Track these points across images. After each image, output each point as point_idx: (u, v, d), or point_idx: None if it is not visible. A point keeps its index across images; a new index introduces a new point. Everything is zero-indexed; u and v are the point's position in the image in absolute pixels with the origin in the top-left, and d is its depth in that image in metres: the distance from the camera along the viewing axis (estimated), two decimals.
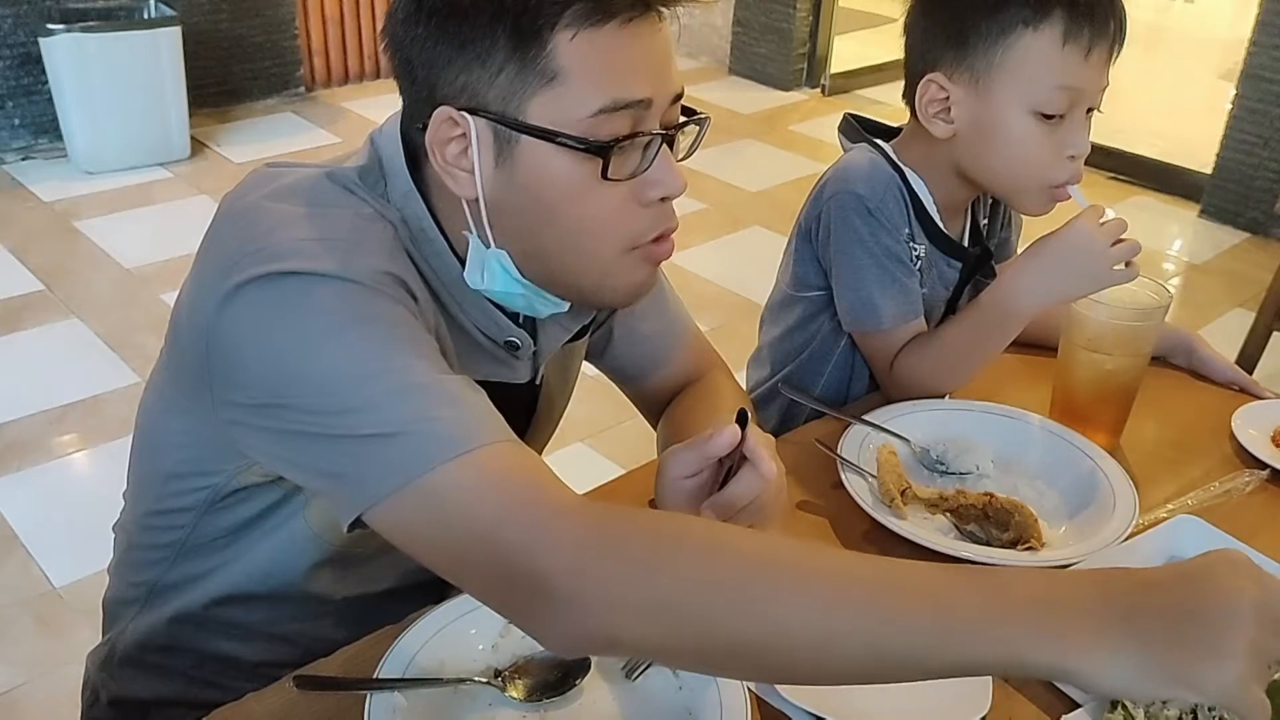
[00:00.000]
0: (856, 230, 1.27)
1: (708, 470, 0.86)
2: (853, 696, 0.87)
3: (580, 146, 0.75)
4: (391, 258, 0.79)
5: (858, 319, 1.31)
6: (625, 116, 0.76)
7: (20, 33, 3.95)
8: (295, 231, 0.76)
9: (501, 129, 0.76)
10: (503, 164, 0.78)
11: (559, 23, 0.73)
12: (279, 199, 0.79)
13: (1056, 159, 1.20)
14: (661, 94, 0.78)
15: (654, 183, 0.79)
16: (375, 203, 0.83)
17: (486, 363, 0.90)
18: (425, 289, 0.83)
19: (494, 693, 0.86)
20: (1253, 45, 3.95)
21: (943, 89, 1.22)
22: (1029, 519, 1.07)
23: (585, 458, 2.60)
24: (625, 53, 0.75)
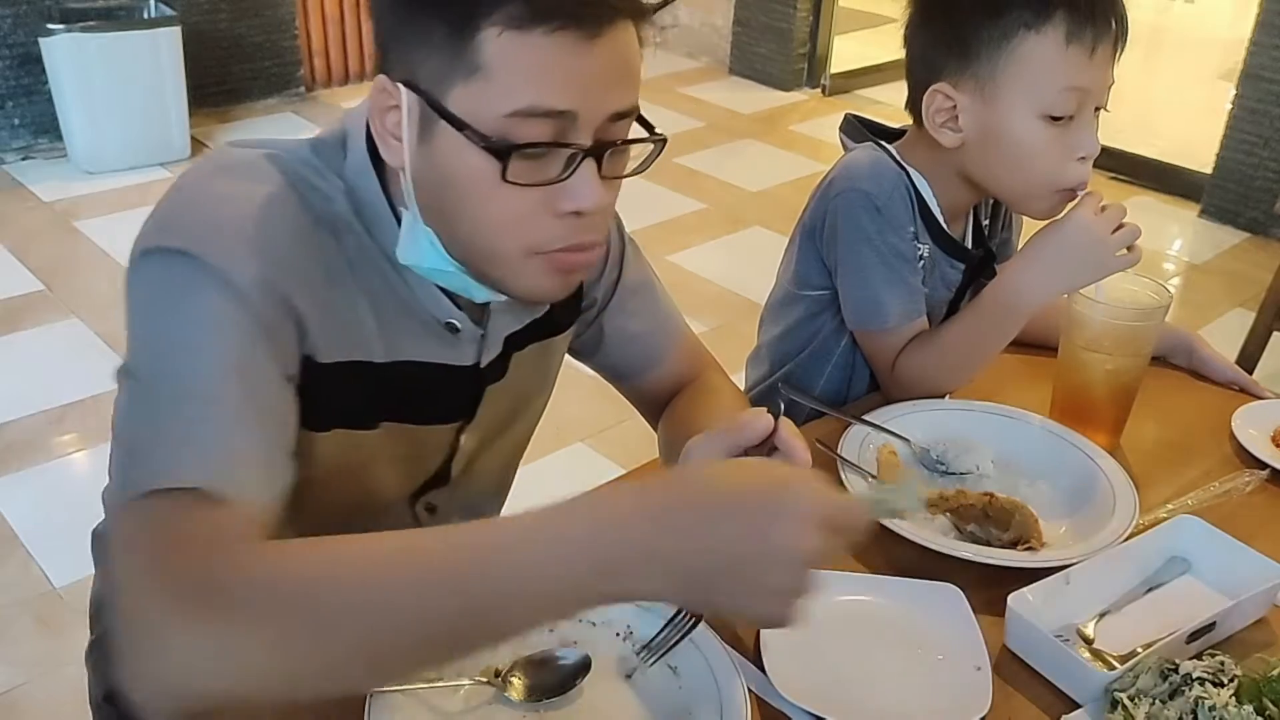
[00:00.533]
0: (863, 228, 1.27)
1: None
2: (853, 697, 0.88)
3: (480, 144, 0.75)
4: (292, 245, 0.80)
5: (863, 317, 1.31)
6: (544, 124, 0.75)
7: (20, 33, 3.95)
8: (200, 212, 0.79)
9: (426, 108, 0.77)
10: (425, 142, 0.79)
11: (490, 18, 0.73)
12: (209, 175, 0.83)
13: (1066, 161, 1.20)
14: (591, 109, 0.77)
15: (568, 196, 0.78)
16: (318, 176, 0.84)
17: (429, 341, 0.91)
18: (347, 267, 0.85)
19: (494, 693, 0.86)
20: (1253, 45, 3.94)
21: (949, 98, 1.22)
22: (1029, 519, 1.07)
23: (585, 458, 2.60)
24: (550, 61, 0.74)
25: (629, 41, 0.78)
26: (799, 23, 5.32)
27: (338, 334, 0.85)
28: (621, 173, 0.83)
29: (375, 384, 0.89)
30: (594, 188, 0.78)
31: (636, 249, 1.12)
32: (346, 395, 0.88)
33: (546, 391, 1.10)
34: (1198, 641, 0.93)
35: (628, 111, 0.80)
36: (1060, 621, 0.95)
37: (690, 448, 0.87)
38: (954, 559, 1.02)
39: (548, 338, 1.04)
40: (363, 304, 0.87)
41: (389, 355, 0.89)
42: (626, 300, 1.10)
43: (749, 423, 0.84)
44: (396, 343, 0.89)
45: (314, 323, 0.82)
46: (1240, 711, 0.82)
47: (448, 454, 1.00)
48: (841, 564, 1.04)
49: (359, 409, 0.90)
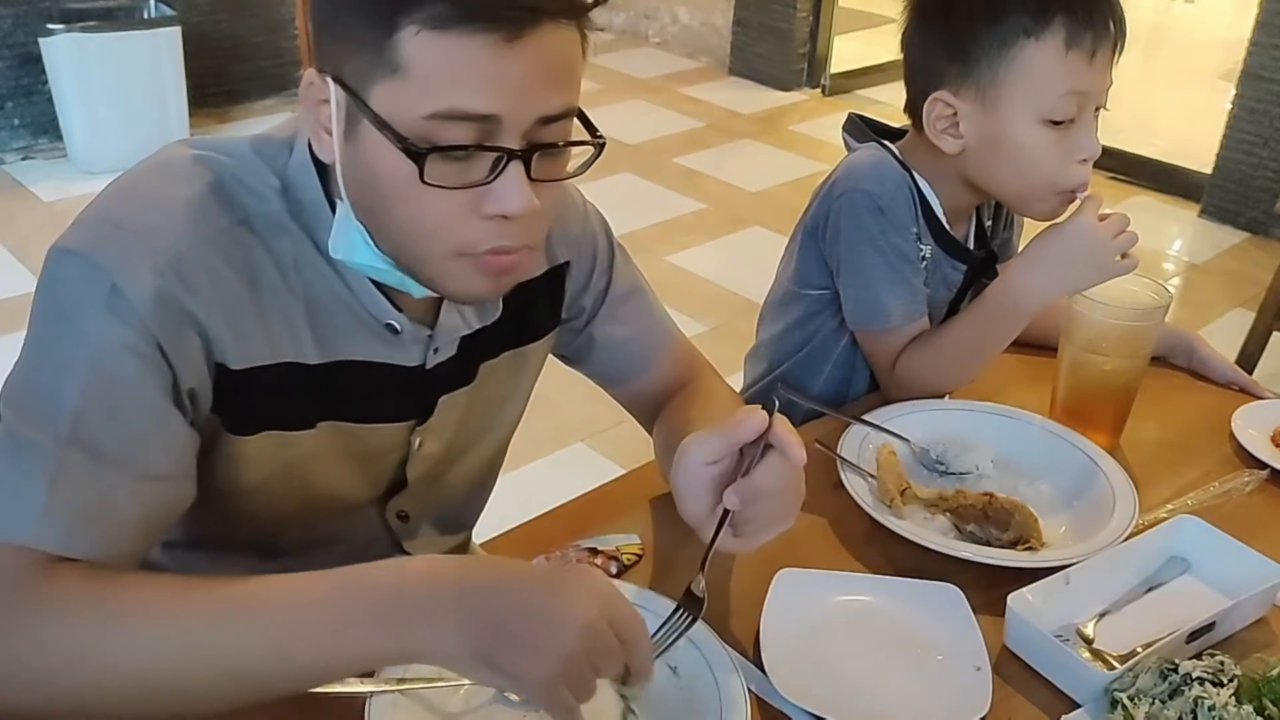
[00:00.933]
0: (867, 228, 1.27)
1: (730, 458, 0.85)
2: (853, 697, 0.88)
3: (398, 145, 0.74)
4: (204, 251, 0.80)
5: (864, 317, 1.31)
6: (466, 127, 0.74)
7: (20, 33, 3.95)
8: (110, 214, 0.80)
9: (352, 104, 0.76)
10: (351, 139, 0.78)
11: (409, 16, 0.71)
12: (135, 178, 0.84)
13: (1067, 164, 1.20)
14: (516, 112, 0.74)
15: (493, 199, 0.76)
16: (254, 176, 0.84)
17: (370, 341, 0.90)
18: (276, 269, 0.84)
19: (494, 693, 0.86)
20: (1253, 45, 3.94)
21: (950, 106, 1.22)
22: (1029, 519, 1.07)
23: (585, 458, 2.60)
24: (469, 63, 0.72)
25: (560, 42, 0.75)
26: (799, 23, 5.32)
27: (259, 338, 0.84)
28: (558, 175, 0.81)
29: (310, 385, 0.88)
30: (521, 191, 0.76)
31: (626, 255, 1.12)
32: (276, 397, 0.87)
33: (522, 400, 1.09)
34: (1197, 641, 0.93)
35: (561, 114, 0.77)
36: (1060, 621, 0.95)
37: (686, 445, 0.86)
38: (954, 559, 1.02)
39: (522, 345, 1.03)
40: (294, 306, 0.86)
41: (324, 356, 0.88)
42: (616, 308, 1.10)
43: (743, 421, 0.83)
44: (333, 343, 0.88)
45: (222, 330, 0.82)
46: (1240, 711, 0.82)
47: (401, 456, 0.99)
48: (842, 564, 1.04)
49: (292, 410, 0.89)
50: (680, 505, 0.87)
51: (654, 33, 6.09)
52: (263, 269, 0.84)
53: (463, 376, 0.98)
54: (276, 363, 0.86)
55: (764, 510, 0.84)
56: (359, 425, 0.93)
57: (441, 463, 1.03)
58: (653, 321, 1.14)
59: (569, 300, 1.07)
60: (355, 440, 0.94)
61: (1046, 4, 1.15)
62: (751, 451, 0.83)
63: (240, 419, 0.87)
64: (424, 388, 0.95)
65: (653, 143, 4.64)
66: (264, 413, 0.87)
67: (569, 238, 1.04)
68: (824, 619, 0.95)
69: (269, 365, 0.85)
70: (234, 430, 0.87)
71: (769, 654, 0.89)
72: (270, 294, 0.84)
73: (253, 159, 0.86)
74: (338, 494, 0.97)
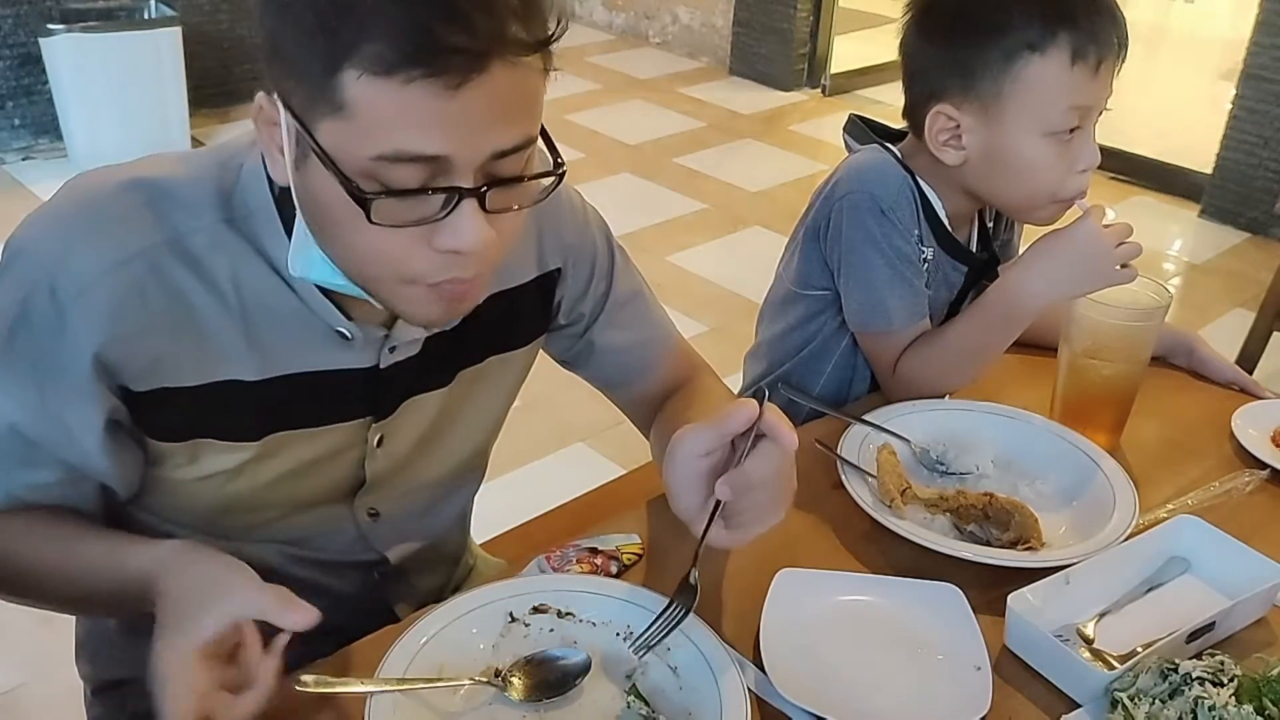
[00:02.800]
0: (869, 230, 1.27)
1: (722, 450, 0.85)
2: (853, 697, 0.88)
3: (343, 186, 0.72)
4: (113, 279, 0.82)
5: (866, 319, 1.31)
6: (414, 168, 0.72)
7: (20, 33, 3.95)
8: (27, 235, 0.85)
9: (300, 133, 0.74)
10: (300, 166, 0.77)
11: (349, 59, 0.69)
12: (61, 203, 0.86)
13: (1069, 174, 1.21)
14: (466, 151, 0.72)
15: (446, 234, 0.75)
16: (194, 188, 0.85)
17: (319, 349, 0.89)
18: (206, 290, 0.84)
19: (494, 693, 0.86)
20: (1253, 45, 3.94)
21: (952, 119, 1.22)
22: (1029, 519, 1.07)
23: (585, 458, 2.60)
24: (412, 109, 0.70)
25: (514, 77, 0.72)
26: (799, 23, 5.32)
27: (184, 359, 0.85)
28: (516, 205, 0.79)
29: (251, 401, 0.88)
30: (474, 227, 0.74)
31: (626, 259, 1.11)
32: (209, 413, 0.87)
33: (506, 403, 1.09)
34: (1197, 641, 0.93)
35: (517, 147, 0.75)
36: (1060, 621, 0.95)
37: (678, 438, 0.86)
38: (954, 559, 1.02)
39: (507, 351, 1.03)
40: (228, 324, 0.85)
41: (265, 372, 0.88)
42: (616, 313, 1.09)
43: (734, 412, 0.83)
44: (276, 357, 0.88)
45: (123, 356, 0.83)
46: (1240, 711, 0.82)
47: (359, 454, 0.98)
48: (842, 564, 1.04)
49: (232, 424, 0.89)
50: (673, 500, 0.87)
51: (654, 33, 6.09)
52: (189, 290, 0.84)
53: (436, 379, 0.98)
54: (207, 382, 0.86)
55: (756, 501, 0.84)
56: (308, 430, 0.93)
57: (409, 461, 1.02)
58: (652, 326, 1.14)
59: (566, 306, 1.06)
60: (305, 442, 0.93)
61: (1051, 19, 1.15)
62: (743, 443, 0.83)
63: (158, 429, 0.88)
64: (378, 387, 0.94)
65: (653, 143, 4.64)
66: (191, 425, 0.88)
67: (563, 244, 1.03)
68: (824, 619, 0.95)
69: (196, 386, 0.86)
70: (156, 437, 0.88)
71: (769, 654, 0.89)
72: (199, 314, 0.84)
73: (208, 169, 0.86)
74: (293, 489, 0.96)
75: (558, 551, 1.02)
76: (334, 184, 0.73)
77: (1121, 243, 1.16)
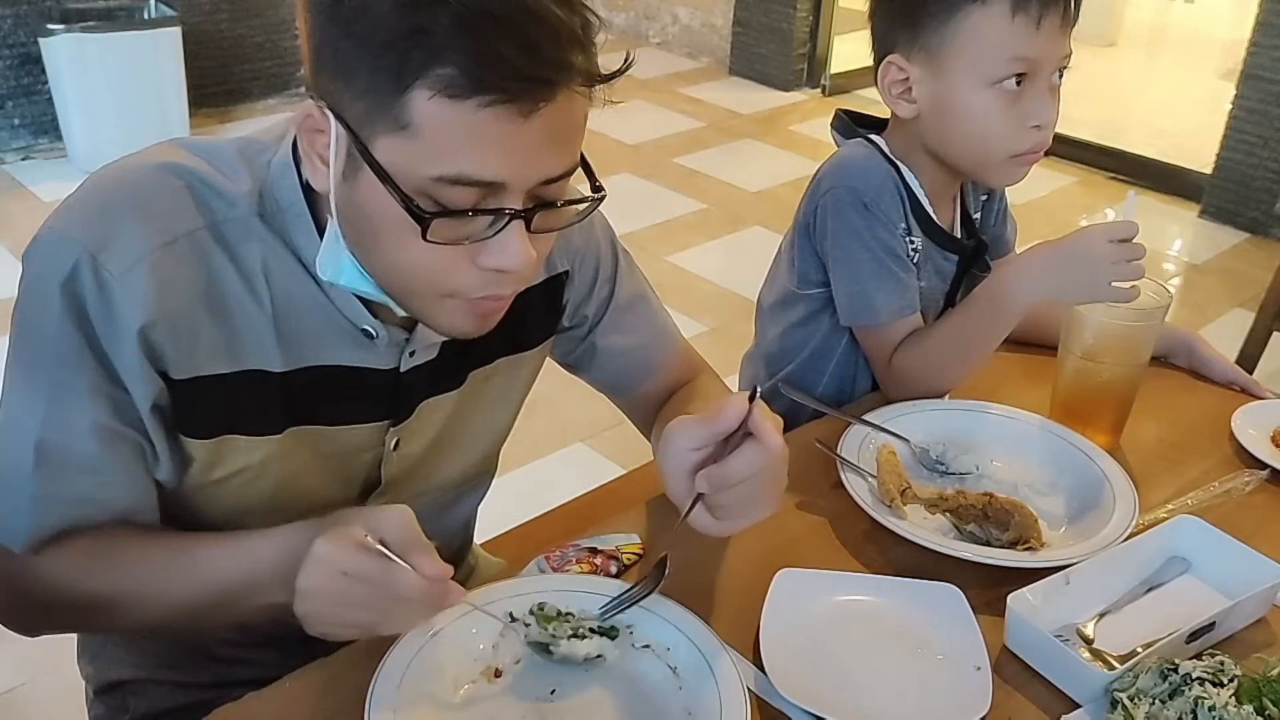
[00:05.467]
0: (853, 225, 1.27)
1: (714, 445, 0.85)
2: (853, 697, 0.88)
3: (402, 204, 0.73)
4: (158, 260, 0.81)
5: (854, 313, 1.31)
6: (470, 191, 0.74)
7: (20, 33, 3.95)
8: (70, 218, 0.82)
9: (353, 146, 0.75)
10: (349, 178, 0.77)
11: (422, 79, 0.70)
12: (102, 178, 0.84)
13: (1019, 129, 1.21)
14: (523, 177, 0.75)
15: (492, 252, 0.77)
16: (228, 180, 0.84)
17: (344, 345, 0.90)
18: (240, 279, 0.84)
19: (494, 692, 0.86)
20: (1253, 45, 3.94)
21: (901, 70, 1.24)
22: (1029, 519, 1.07)
23: (585, 458, 2.60)
24: (482, 134, 0.71)
25: (571, 107, 0.75)
26: (799, 23, 5.32)
27: (216, 347, 0.85)
28: (556, 226, 0.82)
29: (276, 392, 0.88)
30: (520, 248, 0.77)
31: (630, 262, 1.11)
32: (237, 404, 0.87)
33: (515, 405, 1.09)
34: (1197, 641, 0.93)
35: (565, 173, 0.78)
36: (1060, 621, 0.95)
37: (670, 430, 0.86)
38: (954, 559, 1.02)
39: (517, 353, 1.03)
40: (258, 314, 0.86)
41: (291, 363, 0.88)
42: (620, 317, 1.10)
43: (725, 409, 0.83)
44: (302, 349, 0.88)
45: (167, 340, 0.83)
46: (1240, 711, 0.82)
47: (375, 455, 0.98)
48: (842, 564, 1.04)
49: (256, 416, 0.89)
50: (667, 486, 0.88)
51: (654, 33, 6.09)
52: (225, 276, 0.84)
53: (449, 381, 0.98)
54: (236, 370, 0.86)
55: (737, 496, 0.84)
56: (328, 427, 0.93)
57: (422, 463, 1.02)
58: (656, 330, 1.14)
59: (571, 309, 1.06)
60: (325, 441, 0.94)
61: None
62: (734, 438, 0.83)
63: (191, 423, 0.87)
64: (397, 390, 0.95)
65: (653, 143, 4.64)
66: (222, 418, 0.88)
67: (570, 247, 1.03)
68: (824, 619, 0.95)
69: (227, 374, 0.86)
70: (187, 433, 0.87)
71: (769, 654, 0.89)
72: (233, 301, 0.85)
73: (232, 161, 0.86)
74: (308, 491, 0.96)
75: (558, 551, 1.02)
76: (386, 199, 0.74)
77: (1127, 260, 1.14)
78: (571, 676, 0.88)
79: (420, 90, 0.70)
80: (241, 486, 0.92)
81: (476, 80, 0.69)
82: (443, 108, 0.70)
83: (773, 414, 0.86)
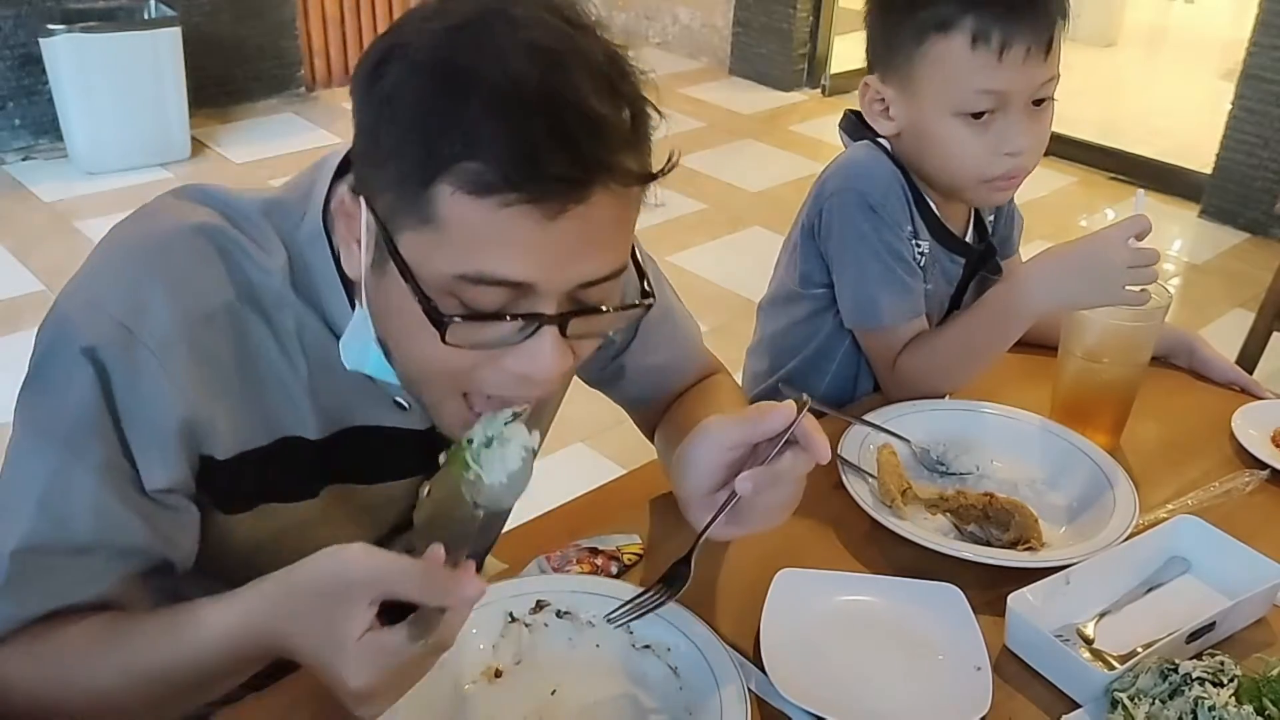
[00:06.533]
0: (859, 227, 1.27)
1: (745, 447, 0.84)
2: (853, 697, 0.88)
3: (421, 305, 0.70)
4: (199, 334, 0.78)
5: (859, 315, 1.31)
6: (497, 291, 0.69)
7: (20, 33, 3.95)
8: (104, 287, 0.78)
9: (381, 238, 0.71)
10: (378, 269, 0.74)
11: (445, 174, 0.66)
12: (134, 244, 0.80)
13: (991, 157, 1.21)
14: (554, 280, 0.70)
15: (520, 358, 0.73)
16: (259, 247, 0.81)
17: (380, 409, 0.88)
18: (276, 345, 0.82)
19: (494, 691, 0.86)
20: (1253, 45, 3.94)
21: (879, 91, 1.25)
22: (1029, 519, 1.07)
23: (585, 458, 2.60)
24: (505, 233, 0.67)
25: (613, 205, 0.69)
26: (799, 23, 5.32)
27: (255, 420, 0.82)
28: (598, 330, 0.77)
29: (313, 458, 0.86)
30: (551, 357, 0.72)
31: (657, 272, 1.06)
32: (273, 474, 0.85)
33: (546, 425, 1.07)
34: (1197, 641, 0.93)
35: (606, 277, 0.73)
36: (1060, 621, 0.95)
37: (709, 425, 0.85)
38: (954, 559, 1.02)
39: None
40: (295, 381, 0.83)
41: (327, 429, 0.86)
42: (648, 336, 1.08)
43: (771, 413, 0.81)
44: (338, 413, 0.86)
45: (210, 420, 0.79)
46: (1240, 711, 0.82)
47: (408, 504, 0.97)
48: (842, 564, 1.04)
49: (293, 483, 0.87)
50: (682, 481, 0.86)
51: (654, 33, 6.09)
52: (263, 345, 0.81)
53: None
54: (274, 440, 0.84)
55: (767, 502, 0.83)
56: (365, 486, 0.92)
57: (456, 504, 1.00)
58: (681, 343, 1.12)
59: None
60: (360, 497, 0.92)
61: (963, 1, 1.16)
62: (767, 447, 0.83)
63: (231, 500, 0.85)
64: (434, 446, 0.92)
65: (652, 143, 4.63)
66: (259, 489, 0.86)
67: None
68: (824, 619, 0.95)
69: (265, 445, 0.83)
70: (224, 509, 0.85)
71: (769, 654, 0.89)
72: (270, 370, 0.82)
73: (261, 224, 0.82)
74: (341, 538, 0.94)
75: (558, 552, 1.02)
76: (409, 298, 0.70)
77: (1142, 265, 1.12)
78: (572, 677, 0.88)
79: (444, 184, 0.66)
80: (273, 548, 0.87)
81: (500, 177, 0.65)
82: (465, 204, 0.66)
83: (818, 425, 0.84)
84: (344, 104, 4.78)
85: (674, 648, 0.89)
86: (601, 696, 0.87)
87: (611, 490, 1.18)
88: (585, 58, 0.68)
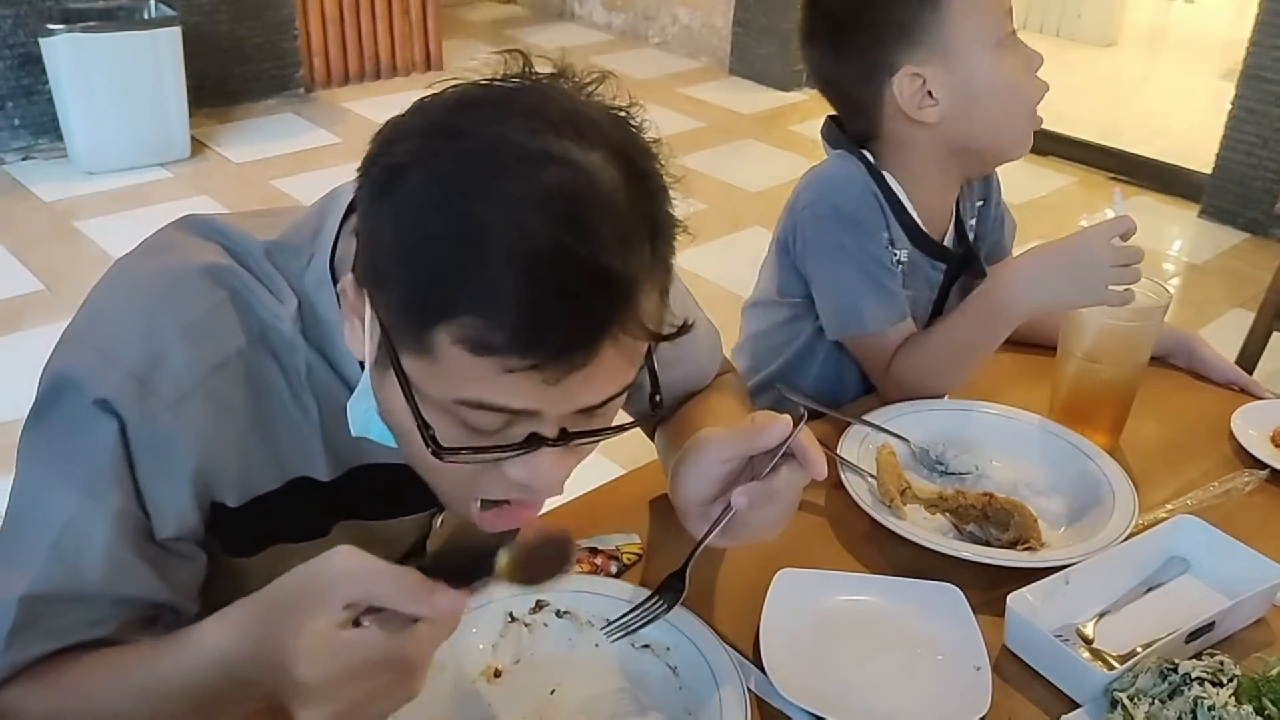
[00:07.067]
0: (835, 238, 1.27)
1: (741, 459, 0.84)
2: (853, 697, 0.88)
3: (420, 429, 0.69)
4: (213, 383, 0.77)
5: (843, 325, 1.31)
6: (497, 416, 0.68)
7: (20, 33, 3.95)
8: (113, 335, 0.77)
9: (384, 345, 0.70)
10: (380, 370, 0.72)
11: (446, 319, 0.63)
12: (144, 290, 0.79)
13: (1029, 78, 1.25)
14: (556, 411, 0.69)
15: (520, 468, 0.72)
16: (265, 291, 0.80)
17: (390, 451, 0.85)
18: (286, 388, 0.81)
19: (494, 691, 0.86)
20: (1253, 45, 3.94)
21: (917, 75, 1.23)
22: (1029, 519, 1.07)
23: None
24: (508, 384, 0.65)
25: (616, 355, 0.67)
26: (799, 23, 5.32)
27: (267, 464, 0.82)
28: (599, 440, 0.75)
29: (324, 498, 0.86)
30: (550, 472, 0.72)
31: (683, 290, 1.03)
32: (284, 516, 0.85)
33: None
34: (1197, 641, 0.93)
35: (612, 397, 0.72)
36: (1060, 621, 0.95)
37: (703, 438, 0.85)
38: (954, 559, 1.02)
39: None
40: (305, 423, 0.83)
41: (338, 469, 0.86)
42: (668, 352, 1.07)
43: (767, 426, 0.81)
44: (348, 453, 0.85)
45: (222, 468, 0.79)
46: (1240, 711, 0.82)
47: (421, 535, 0.97)
48: (842, 564, 1.04)
49: (304, 524, 0.87)
50: (677, 493, 0.87)
51: (654, 33, 6.09)
52: (274, 388, 0.80)
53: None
54: (284, 482, 0.83)
55: (763, 516, 0.83)
56: (376, 522, 0.91)
57: (464, 532, 1.00)
58: (699, 354, 1.11)
59: None
60: (372, 532, 0.91)
61: None
62: (764, 458, 0.83)
63: (242, 544, 0.85)
64: None
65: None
66: (270, 532, 0.86)
67: None
68: (824, 619, 0.95)
69: (276, 489, 0.83)
70: (234, 553, 0.85)
71: (769, 654, 0.89)
72: (281, 413, 0.81)
73: (267, 268, 0.81)
74: None
75: None
76: (409, 410, 0.69)
77: (1125, 264, 1.13)
78: (572, 676, 0.88)
79: (444, 332, 0.64)
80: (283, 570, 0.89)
81: (504, 340, 0.63)
82: (465, 358, 0.64)
83: (815, 439, 0.83)
84: (344, 104, 4.82)
85: (673, 647, 0.89)
86: (601, 696, 0.87)
87: (611, 490, 1.17)
88: (603, 201, 0.65)
